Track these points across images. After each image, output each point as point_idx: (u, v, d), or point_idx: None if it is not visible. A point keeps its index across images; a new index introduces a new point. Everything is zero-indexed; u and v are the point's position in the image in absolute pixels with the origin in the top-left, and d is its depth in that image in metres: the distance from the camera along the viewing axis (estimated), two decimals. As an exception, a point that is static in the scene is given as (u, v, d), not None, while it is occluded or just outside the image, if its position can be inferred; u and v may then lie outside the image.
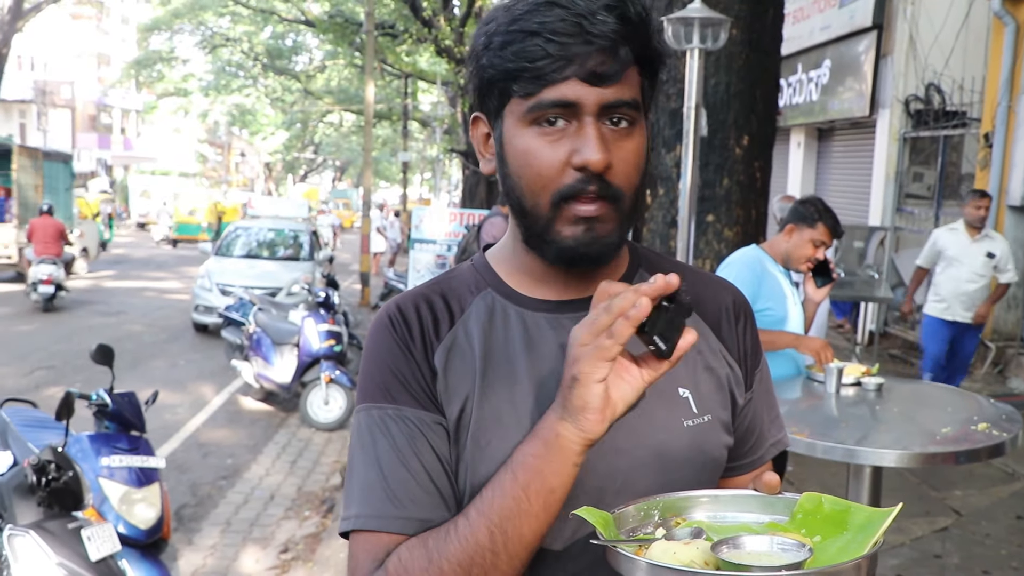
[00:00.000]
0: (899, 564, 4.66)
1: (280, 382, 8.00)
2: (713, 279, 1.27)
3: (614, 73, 1.01)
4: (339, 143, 50.99)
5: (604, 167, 1.01)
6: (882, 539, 0.91)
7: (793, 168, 14.22)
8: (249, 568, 4.84)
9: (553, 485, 0.96)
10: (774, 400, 1.28)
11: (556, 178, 1.04)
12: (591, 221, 1.05)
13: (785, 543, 0.92)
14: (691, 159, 4.38)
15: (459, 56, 19.79)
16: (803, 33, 12.78)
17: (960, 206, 7.94)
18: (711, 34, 4.22)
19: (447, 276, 1.21)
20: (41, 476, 3.29)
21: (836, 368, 3.52)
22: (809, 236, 3.77)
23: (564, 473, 0.96)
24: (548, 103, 1.02)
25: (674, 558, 0.90)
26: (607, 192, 1.03)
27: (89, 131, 47.04)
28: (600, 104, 1.01)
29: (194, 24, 29.39)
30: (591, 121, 1.02)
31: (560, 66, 1.00)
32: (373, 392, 1.10)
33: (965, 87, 9.72)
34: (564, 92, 1.01)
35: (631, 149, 1.05)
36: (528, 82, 1.02)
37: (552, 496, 0.97)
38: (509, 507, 0.97)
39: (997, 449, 2.90)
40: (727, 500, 1.04)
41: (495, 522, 0.97)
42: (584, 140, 1.01)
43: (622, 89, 1.02)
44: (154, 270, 20.88)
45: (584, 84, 1.00)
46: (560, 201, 1.04)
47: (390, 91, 32.22)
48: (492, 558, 0.97)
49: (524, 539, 0.98)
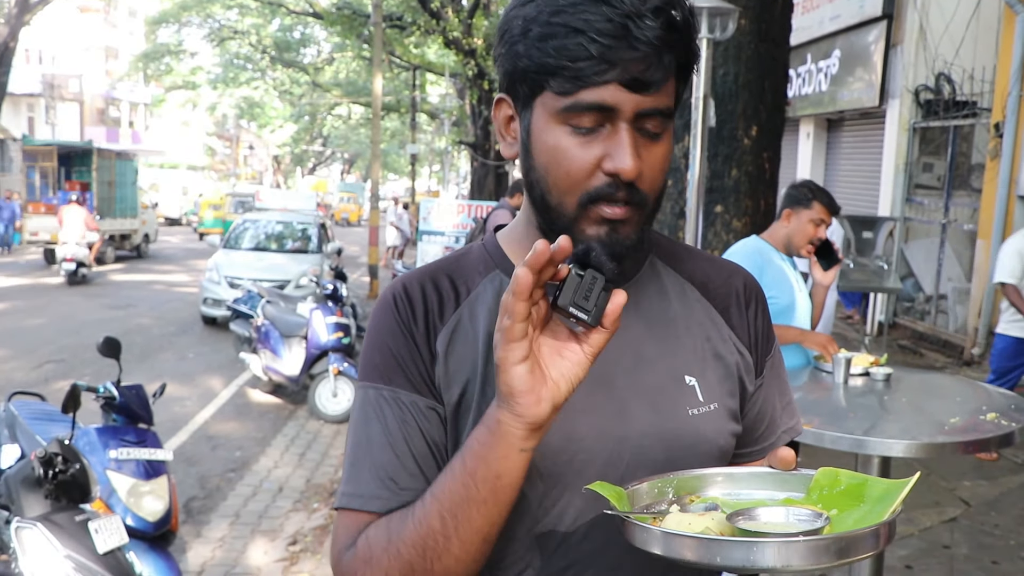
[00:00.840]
0: (908, 555, 4.64)
1: (288, 374, 8.01)
2: (723, 264, 1.25)
3: (656, 81, 0.98)
4: (347, 136, 51.02)
5: (636, 176, 1.00)
6: (900, 507, 0.90)
7: (802, 159, 14.17)
8: (258, 560, 4.85)
9: (499, 471, 0.94)
10: (787, 387, 1.26)
11: (585, 180, 1.02)
12: (615, 223, 1.03)
13: (801, 514, 0.91)
14: (699, 150, 4.35)
15: (467, 48, 19.75)
16: (812, 23, 12.72)
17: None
18: (720, 24, 4.19)
19: (457, 256, 1.20)
20: (48, 469, 3.29)
21: (844, 358, 3.50)
22: (807, 217, 3.75)
23: (510, 459, 0.94)
24: (585, 105, 0.99)
25: (689, 528, 0.89)
26: (634, 198, 1.02)
27: (97, 125, 47.13)
28: (637, 111, 0.99)
29: (202, 17, 29.45)
30: (626, 127, 0.99)
31: (603, 69, 0.97)
32: (371, 372, 1.10)
33: (975, 77, 9.67)
34: (603, 96, 0.98)
35: (660, 155, 1.03)
36: (566, 81, 0.98)
37: (499, 483, 0.95)
38: (459, 493, 0.96)
39: (1006, 439, 2.88)
40: (742, 477, 1.03)
41: (446, 507, 0.97)
42: (618, 146, 0.99)
43: (659, 97, 1.00)
44: (162, 263, 20.93)
45: (624, 90, 0.98)
46: (587, 203, 1.02)
47: (398, 83, 32.24)
48: (444, 542, 0.97)
49: (474, 525, 0.96)
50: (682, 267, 1.21)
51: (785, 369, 1.28)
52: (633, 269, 1.16)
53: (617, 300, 0.90)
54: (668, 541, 0.86)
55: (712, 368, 1.14)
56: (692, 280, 1.20)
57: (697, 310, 1.17)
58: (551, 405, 0.91)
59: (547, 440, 1.04)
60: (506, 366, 0.90)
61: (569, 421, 1.06)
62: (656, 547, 0.86)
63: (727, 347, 1.17)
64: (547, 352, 0.92)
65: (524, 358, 0.89)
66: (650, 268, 1.18)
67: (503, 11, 1.08)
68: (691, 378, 1.12)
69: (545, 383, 0.91)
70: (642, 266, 1.18)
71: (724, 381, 1.15)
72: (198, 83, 34.96)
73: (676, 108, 1.06)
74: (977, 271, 9.43)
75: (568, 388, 0.92)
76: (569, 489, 1.07)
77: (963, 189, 10.31)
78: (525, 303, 0.87)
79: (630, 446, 1.08)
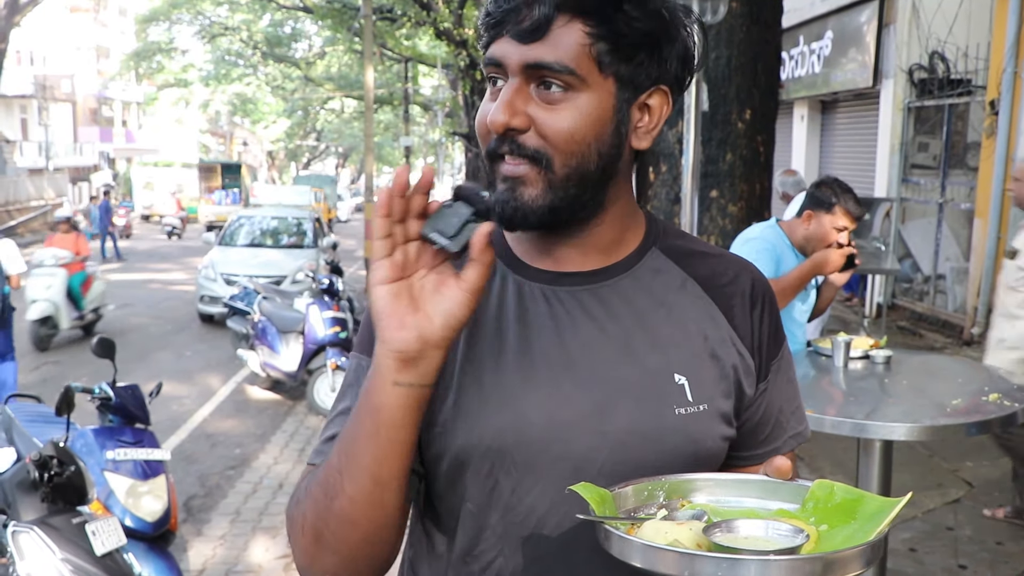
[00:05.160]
0: (912, 537, 4.63)
1: (286, 370, 7.99)
2: (733, 261, 1.20)
3: (536, 28, 0.99)
4: (341, 129, 50.94)
5: (503, 129, 1.01)
6: (888, 529, 0.88)
7: (797, 141, 14.13)
8: (259, 558, 4.84)
9: (376, 404, 0.95)
10: (796, 391, 1.22)
11: (486, 136, 1.05)
12: (513, 181, 1.04)
13: (781, 528, 0.88)
14: (693, 135, 4.33)
15: (459, 38, 19.71)
16: (804, 4, 12.67)
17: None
18: (710, 7, 4.16)
19: None
20: (43, 471, 3.26)
21: (844, 341, 3.47)
22: (829, 222, 3.56)
23: (385, 391, 0.94)
24: (487, 60, 1.04)
25: (665, 537, 0.87)
26: (524, 153, 1.02)
27: (91, 124, 46.96)
28: (523, 64, 1.01)
29: (192, 14, 29.38)
30: (513, 82, 1.02)
31: (493, 22, 1.02)
32: (359, 342, 1.14)
33: (969, 54, 9.62)
34: (494, 50, 1.03)
35: (563, 116, 1.01)
36: (483, 39, 1.05)
37: (379, 416, 0.95)
38: (351, 429, 0.98)
39: (1009, 420, 2.86)
40: (735, 484, 1.01)
41: (343, 444, 0.99)
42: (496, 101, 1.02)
43: (547, 49, 0.99)
44: (158, 261, 20.89)
45: (512, 41, 1.01)
46: (491, 159, 1.05)
47: (390, 76, 32.16)
48: (339, 479, 0.98)
49: (362, 462, 0.96)
50: (686, 261, 1.16)
51: (794, 373, 1.23)
52: (631, 260, 1.13)
53: (481, 230, 0.90)
54: (640, 551, 0.84)
55: (706, 368, 1.10)
56: (695, 275, 1.15)
57: (697, 307, 1.13)
58: (417, 334, 0.92)
59: (522, 428, 1.04)
60: (372, 285, 0.93)
61: (547, 411, 1.04)
62: (629, 556, 0.85)
63: (725, 348, 1.12)
64: (428, 288, 0.93)
65: (388, 280, 0.92)
66: (650, 260, 1.15)
67: None
68: (681, 376, 1.08)
69: (414, 312, 0.92)
70: (643, 257, 1.14)
71: (719, 382, 1.10)
72: (190, 80, 34.87)
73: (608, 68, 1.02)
74: (975, 250, 9.41)
75: (442, 323, 0.92)
76: (543, 480, 1.05)
77: (959, 168, 10.27)
78: (383, 220, 0.90)
79: (610, 441, 1.05)
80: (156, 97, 41.74)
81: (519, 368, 1.06)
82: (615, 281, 1.11)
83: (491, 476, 1.06)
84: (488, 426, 1.04)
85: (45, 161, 36.92)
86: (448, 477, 1.09)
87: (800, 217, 3.67)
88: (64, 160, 40.45)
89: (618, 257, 1.13)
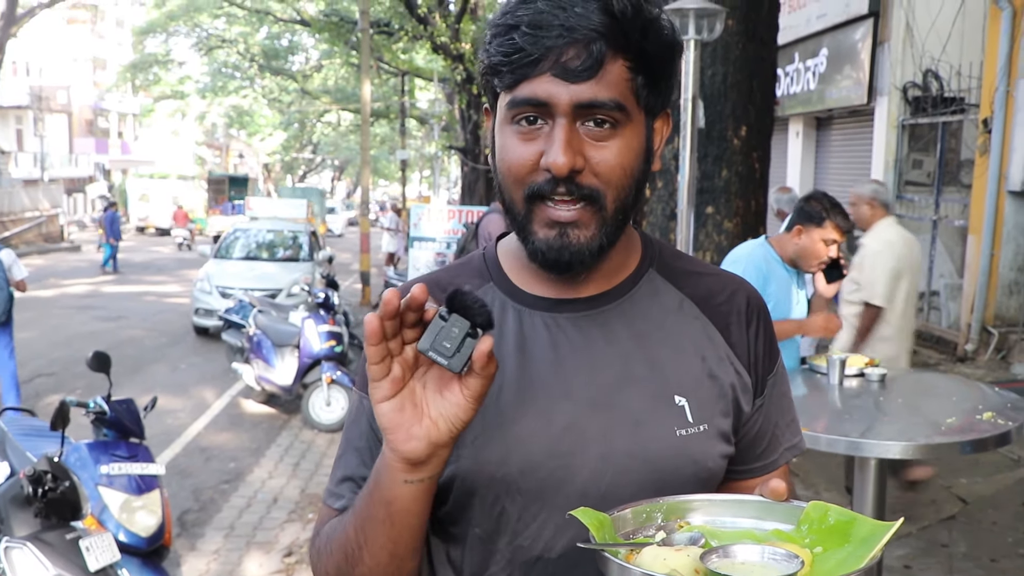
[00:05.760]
0: (906, 554, 4.63)
1: (281, 384, 7.97)
2: (728, 279, 1.21)
3: (587, 68, 0.97)
4: (337, 142, 50.91)
5: (568, 171, 0.99)
6: (880, 554, 0.88)
7: (792, 158, 14.17)
8: (253, 572, 4.82)
9: (389, 498, 0.98)
10: (790, 404, 1.24)
11: (527, 176, 1.02)
12: (565, 226, 1.02)
13: (776, 554, 0.89)
14: (689, 151, 4.35)
15: (455, 52, 19.74)
16: (799, 22, 12.73)
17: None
18: (707, 25, 4.19)
19: (459, 264, 1.22)
20: (37, 487, 3.26)
21: (839, 359, 3.48)
22: (819, 236, 3.63)
23: (396, 488, 0.97)
24: (521, 100, 1.00)
25: (663, 565, 0.87)
26: (580, 193, 1.01)
27: (86, 136, 46.95)
28: (574, 103, 0.98)
29: (189, 26, 29.37)
30: (563, 123, 0.99)
31: (532, 60, 0.97)
32: (358, 379, 1.16)
33: (963, 73, 9.67)
34: (535, 89, 0.98)
35: (614, 151, 1.01)
36: (506, 76, 1.00)
37: (392, 508, 0.98)
38: (364, 510, 1.02)
39: (1003, 438, 2.87)
40: (731, 505, 1.01)
41: (358, 522, 1.03)
42: (551, 141, 0.99)
43: (599, 88, 0.98)
44: (154, 274, 20.86)
45: (558, 80, 0.97)
46: (532, 199, 1.02)
47: (387, 89, 32.19)
48: (357, 551, 1.03)
49: (379, 541, 1.01)
50: (682, 282, 1.18)
51: (789, 386, 1.25)
52: (629, 285, 1.14)
53: (481, 347, 0.88)
54: None
55: (705, 388, 1.11)
56: (692, 296, 1.17)
57: (694, 327, 1.14)
58: (426, 443, 0.92)
59: (525, 457, 1.05)
60: (374, 403, 0.92)
61: (550, 438, 1.05)
62: None
63: (723, 367, 1.13)
64: (430, 390, 0.93)
65: (388, 397, 0.91)
66: (647, 283, 1.16)
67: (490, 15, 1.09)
68: (681, 398, 1.09)
69: (419, 421, 0.92)
70: (640, 281, 1.15)
71: (717, 401, 1.12)
72: (186, 92, 34.86)
73: (648, 102, 1.04)
74: (969, 267, 9.43)
75: (448, 428, 0.93)
76: (548, 505, 1.06)
77: (953, 185, 10.31)
78: (375, 347, 0.89)
79: (612, 465, 1.06)
80: (152, 109, 41.77)
81: (521, 398, 1.06)
82: (614, 306, 1.12)
83: (497, 503, 1.07)
84: (492, 456, 1.06)
85: (40, 172, 36.88)
86: (455, 505, 1.10)
87: (790, 232, 3.71)
88: (59, 171, 40.45)
89: (616, 281, 1.14)
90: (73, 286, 17.67)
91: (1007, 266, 9.13)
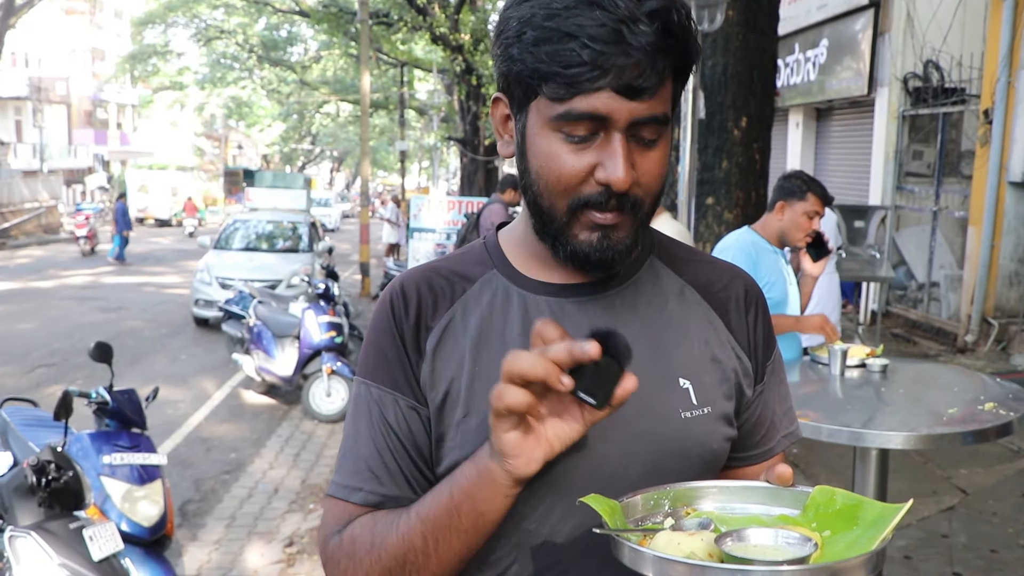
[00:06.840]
0: (907, 545, 4.64)
1: (282, 375, 7.97)
2: (726, 267, 1.23)
3: (650, 87, 0.97)
4: (336, 133, 50.89)
5: (628, 187, 0.99)
6: (891, 535, 0.89)
7: (792, 149, 14.17)
8: (254, 563, 4.83)
9: (483, 510, 0.99)
10: (787, 391, 1.25)
11: (577, 187, 1.01)
12: (607, 228, 1.03)
13: (790, 537, 0.90)
14: (690, 142, 4.35)
15: (455, 43, 19.71)
16: (800, 12, 12.72)
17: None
18: (707, 15, 4.19)
19: (459, 254, 1.21)
20: (41, 476, 3.26)
21: (840, 350, 3.49)
22: (802, 209, 3.70)
23: (495, 501, 0.98)
24: (578, 114, 0.97)
25: (678, 549, 0.88)
26: (626, 204, 1.02)
27: (85, 127, 46.91)
28: (632, 120, 0.98)
29: (188, 17, 29.31)
30: (619, 137, 0.98)
31: (595, 76, 0.95)
32: (363, 369, 1.14)
33: (964, 63, 9.67)
34: (595, 104, 0.96)
35: (655, 161, 1.03)
36: (559, 87, 0.97)
37: (482, 519, 0.99)
38: (442, 519, 1.01)
39: (1004, 429, 2.87)
40: (738, 491, 1.02)
41: (429, 530, 1.01)
42: (610, 157, 0.98)
43: (655, 104, 0.98)
44: (153, 264, 20.86)
45: (618, 97, 0.96)
46: (578, 208, 1.03)
47: (386, 80, 32.15)
48: (424, 559, 1.02)
49: (453, 549, 1.01)
50: (683, 269, 1.19)
51: (785, 373, 1.27)
52: (631, 270, 1.15)
53: (626, 387, 0.90)
54: (655, 563, 0.85)
55: (709, 371, 1.13)
56: (693, 282, 1.18)
57: (696, 313, 1.16)
58: (542, 463, 0.95)
59: None
60: (498, 432, 0.93)
61: None
62: (642, 567, 0.86)
63: (725, 351, 1.15)
64: (549, 412, 0.94)
65: (515, 426, 0.92)
66: (649, 269, 1.17)
67: (499, 8, 1.08)
68: (685, 381, 1.11)
69: (539, 445, 0.94)
70: (641, 267, 1.16)
71: (720, 385, 1.13)
72: (185, 83, 34.82)
73: (673, 112, 1.05)
74: (969, 258, 9.44)
75: (561, 447, 0.95)
76: (555, 489, 1.06)
77: (953, 176, 10.32)
78: (529, 401, 0.90)
79: (618, 447, 1.07)
80: (151, 100, 41.75)
81: None
82: (618, 291, 1.13)
83: None
84: None
85: (39, 163, 36.86)
86: None
87: (772, 212, 3.76)
88: (58, 162, 40.40)
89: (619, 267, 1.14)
90: (73, 277, 17.68)
91: (1007, 257, 9.14)
